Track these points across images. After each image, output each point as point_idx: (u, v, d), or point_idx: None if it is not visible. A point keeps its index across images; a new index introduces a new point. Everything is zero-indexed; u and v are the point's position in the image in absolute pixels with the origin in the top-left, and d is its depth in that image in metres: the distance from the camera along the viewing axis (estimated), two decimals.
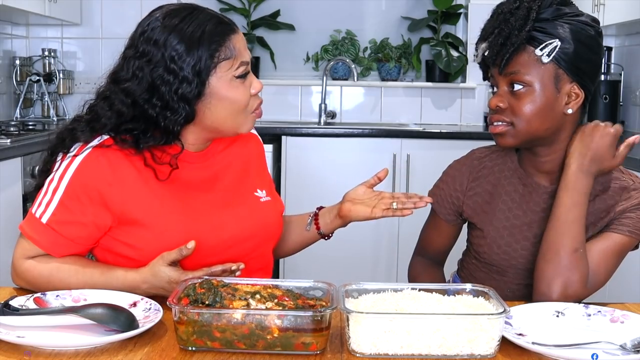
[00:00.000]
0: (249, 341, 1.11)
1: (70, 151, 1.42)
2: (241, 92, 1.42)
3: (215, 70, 1.39)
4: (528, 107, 1.46)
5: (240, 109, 1.43)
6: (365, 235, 3.76)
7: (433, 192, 1.70)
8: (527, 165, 1.57)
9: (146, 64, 1.38)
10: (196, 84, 1.38)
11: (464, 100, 4.35)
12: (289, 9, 4.40)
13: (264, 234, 1.55)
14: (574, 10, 1.48)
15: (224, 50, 1.40)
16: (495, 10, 1.52)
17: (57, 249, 1.40)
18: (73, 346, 1.13)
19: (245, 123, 1.47)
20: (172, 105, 1.38)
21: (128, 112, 1.40)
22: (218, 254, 1.43)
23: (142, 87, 1.39)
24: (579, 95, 1.47)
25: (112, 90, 1.42)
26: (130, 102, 1.39)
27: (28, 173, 2.90)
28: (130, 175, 1.41)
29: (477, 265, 1.63)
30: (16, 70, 4.08)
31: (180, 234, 1.39)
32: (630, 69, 4.04)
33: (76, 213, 1.39)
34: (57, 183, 1.40)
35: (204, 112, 1.42)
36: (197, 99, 1.39)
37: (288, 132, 3.74)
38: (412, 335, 1.11)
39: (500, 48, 1.46)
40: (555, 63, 1.44)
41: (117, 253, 1.44)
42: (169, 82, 1.37)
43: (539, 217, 1.54)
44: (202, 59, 1.38)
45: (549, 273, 1.41)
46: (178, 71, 1.37)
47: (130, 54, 1.41)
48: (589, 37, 1.46)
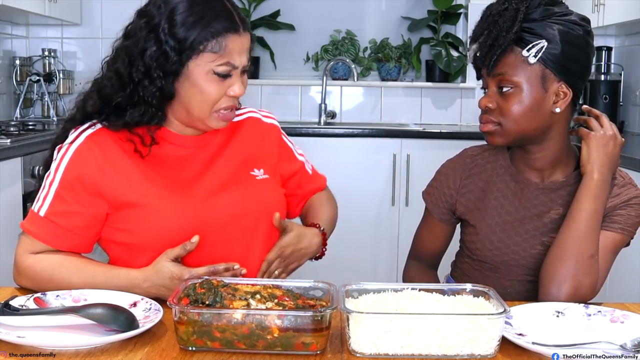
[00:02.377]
0: (249, 341, 1.11)
1: (66, 141, 1.45)
2: (213, 87, 1.43)
3: (197, 56, 1.41)
4: (515, 107, 1.48)
5: (207, 103, 1.44)
6: (366, 235, 3.76)
7: (427, 192, 1.72)
8: (519, 162, 1.59)
9: (145, 24, 1.42)
10: (175, 61, 1.40)
11: (463, 100, 4.35)
12: (289, 9, 4.39)
13: (261, 210, 1.53)
14: (563, 9, 1.49)
15: (213, 43, 1.41)
16: (485, 12, 1.54)
17: (56, 240, 1.42)
18: (73, 346, 1.13)
19: (210, 118, 1.46)
20: (152, 74, 1.41)
21: (125, 74, 1.43)
22: (215, 233, 1.44)
23: (138, 47, 1.42)
24: (567, 94, 1.49)
25: (118, 48, 1.47)
26: (127, 61, 1.43)
27: (28, 173, 2.90)
28: (122, 160, 1.43)
29: (470, 264, 1.64)
30: (16, 70, 4.08)
31: (175, 215, 1.41)
32: (630, 69, 4.04)
33: (72, 203, 1.41)
34: (53, 176, 1.43)
35: (179, 92, 1.44)
36: (175, 76, 1.42)
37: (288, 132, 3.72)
38: (412, 335, 1.11)
39: (489, 49, 1.48)
40: (542, 63, 1.46)
41: (118, 242, 1.46)
42: (154, 48, 1.40)
43: (531, 213, 1.56)
44: (189, 39, 1.40)
45: (563, 275, 1.42)
46: (164, 40, 1.40)
47: (136, 16, 1.46)
48: (576, 37, 1.47)
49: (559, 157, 1.55)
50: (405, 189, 3.72)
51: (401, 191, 3.73)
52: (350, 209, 3.77)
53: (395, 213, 3.76)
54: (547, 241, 1.52)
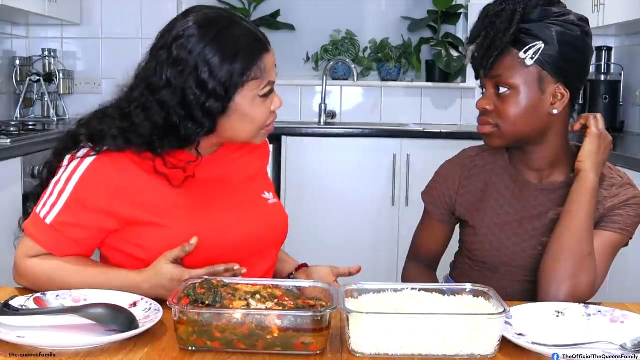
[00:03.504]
0: (249, 341, 1.11)
1: (78, 154, 1.41)
2: (262, 110, 1.43)
3: (242, 88, 1.39)
4: (512, 109, 1.48)
5: (258, 126, 1.44)
6: (366, 235, 3.76)
7: (426, 193, 1.72)
8: (518, 162, 1.59)
9: (179, 73, 1.37)
10: (223, 100, 1.37)
11: (463, 100, 4.35)
12: (289, 9, 4.40)
13: (271, 236, 1.55)
14: (561, 9, 1.49)
15: (254, 70, 1.39)
16: (482, 12, 1.53)
17: (59, 248, 1.41)
18: (73, 346, 1.13)
19: (259, 136, 1.47)
20: (196, 117, 1.38)
21: (162, 122, 1.39)
22: (224, 255, 1.43)
23: (176, 97, 1.37)
24: (564, 96, 1.49)
25: (148, 99, 1.39)
26: (165, 113, 1.38)
27: (28, 173, 2.90)
28: (138, 179, 1.40)
29: (469, 264, 1.64)
30: (16, 70, 4.08)
31: (190, 235, 1.39)
32: (630, 69, 4.04)
33: (80, 217, 1.40)
34: (63, 185, 1.40)
35: (223, 125, 1.41)
36: (221, 114, 1.39)
37: (288, 132, 3.75)
38: (412, 335, 1.11)
39: (486, 51, 1.48)
40: (539, 65, 1.46)
41: (126, 253, 1.44)
42: (197, 94, 1.36)
43: (530, 214, 1.56)
44: (233, 75, 1.37)
45: (562, 275, 1.42)
46: (208, 84, 1.36)
47: (163, 58, 1.38)
48: (574, 38, 1.47)
49: (557, 158, 1.55)
50: (405, 189, 3.72)
51: (401, 191, 3.74)
52: (350, 209, 3.79)
53: (395, 213, 3.76)
54: (546, 242, 1.52)
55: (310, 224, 3.63)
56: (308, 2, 4.42)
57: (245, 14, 4.30)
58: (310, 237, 3.56)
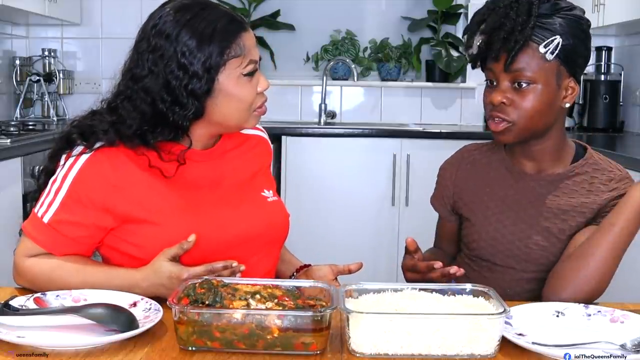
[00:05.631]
0: (249, 341, 1.11)
1: (74, 152, 1.42)
2: (248, 89, 1.44)
3: (224, 67, 1.40)
4: (532, 104, 1.47)
5: (246, 107, 1.45)
6: (366, 235, 3.76)
7: (434, 196, 1.73)
8: (517, 155, 1.59)
9: (159, 58, 1.39)
10: (206, 80, 1.39)
11: (463, 100, 4.35)
12: (289, 9, 4.39)
13: (271, 233, 1.55)
14: (568, 4, 1.49)
15: (234, 48, 1.40)
16: (490, 4, 1.52)
17: (58, 248, 1.41)
18: (73, 346, 1.13)
19: (250, 119, 1.48)
20: (182, 101, 1.39)
21: (149, 110, 1.40)
22: (223, 253, 1.43)
23: (159, 83, 1.39)
24: (574, 89, 1.50)
25: (132, 89, 1.42)
26: (150, 100, 1.40)
27: (28, 173, 2.90)
28: (134, 175, 1.41)
29: (469, 264, 1.63)
30: (16, 70, 4.08)
31: (186, 232, 1.39)
32: (630, 69, 4.04)
33: (77, 214, 1.40)
34: (60, 183, 1.40)
35: (212, 108, 1.42)
36: (207, 95, 1.40)
37: (288, 132, 3.74)
38: (412, 335, 1.11)
39: (503, 43, 1.45)
40: (557, 60, 1.45)
41: (123, 252, 1.44)
42: (179, 77, 1.38)
43: (526, 203, 1.56)
44: (212, 55, 1.39)
45: (581, 282, 1.40)
46: (188, 66, 1.38)
47: (143, 48, 1.41)
48: (582, 32, 1.48)
49: (557, 150, 1.55)
50: (405, 189, 3.72)
51: (401, 191, 3.73)
52: (350, 209, 3.79)
53: (395, 213, 3.76)
54: (544, 229, 1.51)
55: (310, 224, 3.63)
56: (308, 2, 4.42)
57: (245, 14, 4.29)
58: (310, 237, 3.55)
